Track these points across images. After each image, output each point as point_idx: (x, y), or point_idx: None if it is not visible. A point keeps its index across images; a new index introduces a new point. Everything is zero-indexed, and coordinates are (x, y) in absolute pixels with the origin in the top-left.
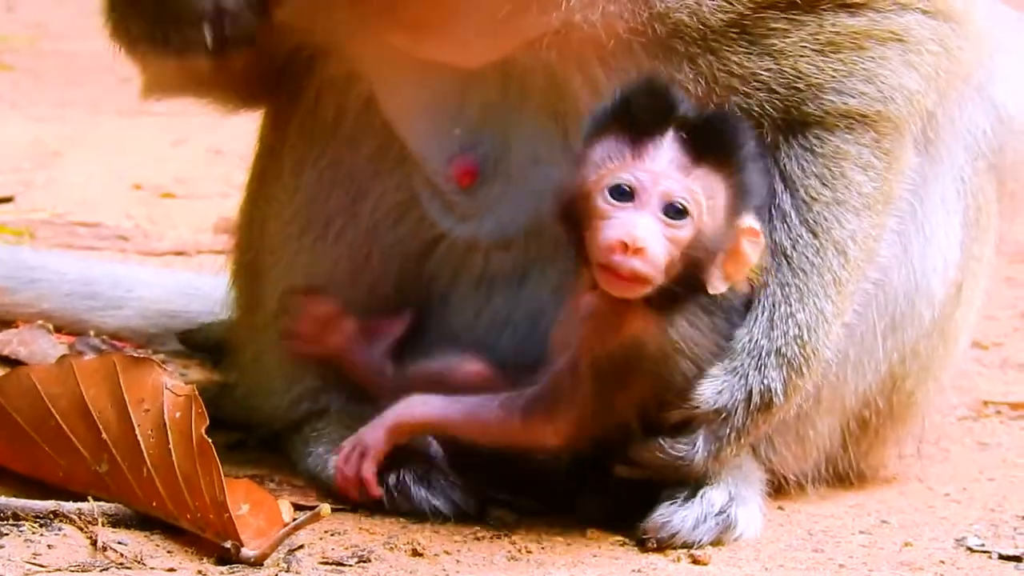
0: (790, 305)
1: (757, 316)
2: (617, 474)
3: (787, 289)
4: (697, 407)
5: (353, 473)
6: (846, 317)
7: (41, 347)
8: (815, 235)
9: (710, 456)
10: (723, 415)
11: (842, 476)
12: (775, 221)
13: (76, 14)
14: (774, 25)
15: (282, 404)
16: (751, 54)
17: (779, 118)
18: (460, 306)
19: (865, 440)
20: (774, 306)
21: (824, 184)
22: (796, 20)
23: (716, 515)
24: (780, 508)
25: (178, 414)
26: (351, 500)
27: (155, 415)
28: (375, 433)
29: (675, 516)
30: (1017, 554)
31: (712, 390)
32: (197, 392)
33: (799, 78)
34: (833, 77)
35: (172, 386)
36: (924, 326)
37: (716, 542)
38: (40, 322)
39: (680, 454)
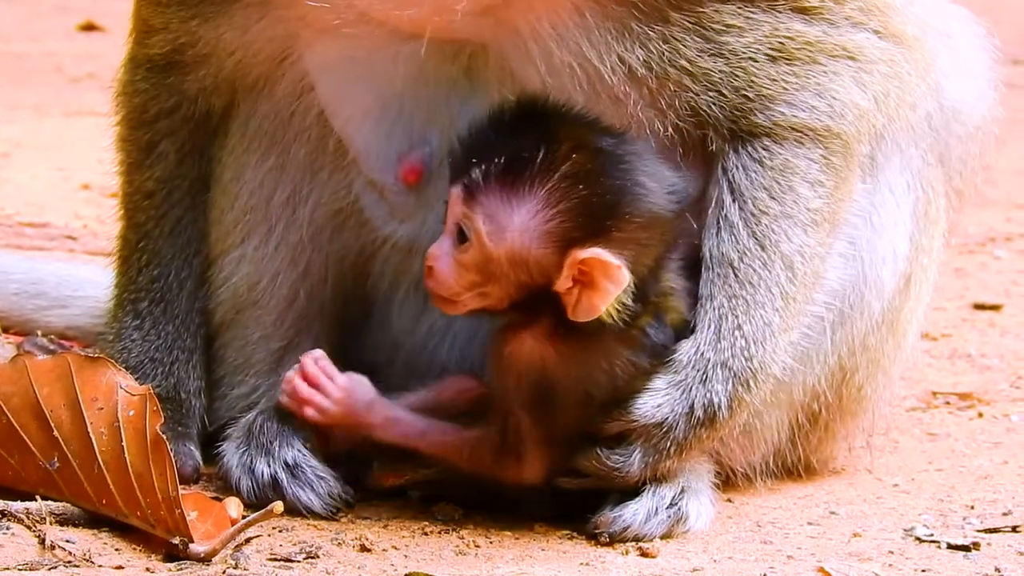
0: (737, 317)
1: (703, 328)
2: (560, 485)
3: (734, 301)
4: (635, 420)
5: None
6: (794, 335)
7: None
8: (763, 248)
9: (647, 468)
10: (663, 428)
11: (791, 469)
12: (723, 232)
13: (24, 17)
14: (730, 21)
15: (221, 406)
16: (704, 52)
17: (727, 127)
18: (400, 312)
19: (815, 434)
20: (721, 318)
21: (772, 197)
22: (752, 19)
23: (668, 508)
24: (729, 500)
25: (132, 412)
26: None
27: (108, 414)
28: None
29: (626, 510)
30: (966, 543)
31: (652, 404)
32: (152, 391)
33: (751, 85)
34: (785, 89)
35: (127, 386)
36: (874, 318)
37: (666, 535)
38: None
39: (616, 465)
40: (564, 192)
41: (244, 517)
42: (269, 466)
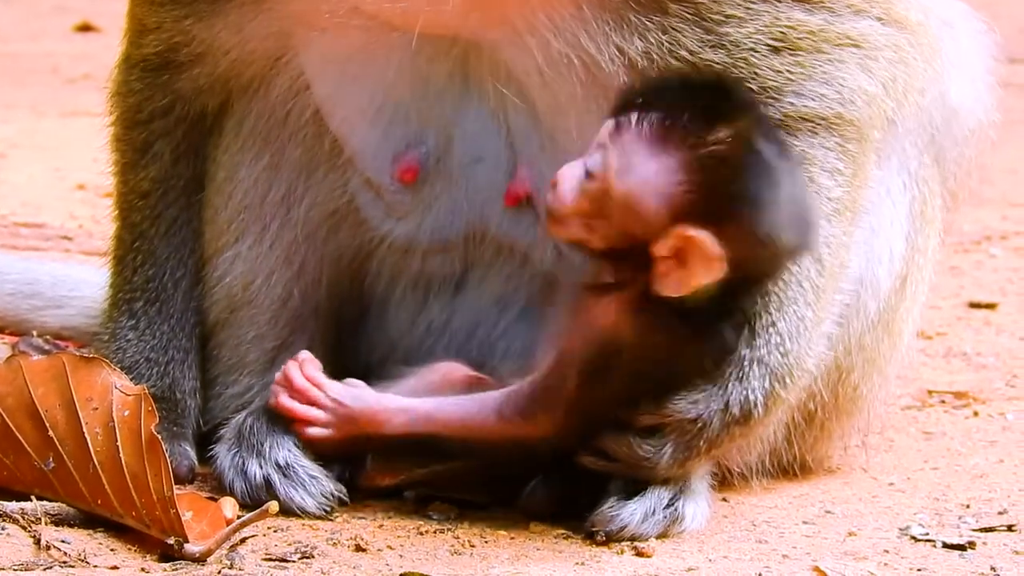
0: (770, 314)
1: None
2: (583, 464)
3: (766, 298)
4: (671, 415)
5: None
6: (825, 326)
7: None
8: None
9: (676, 463)
10: (698, 425)
11: (786, 468)
12: None
13: (20, 17)
14: (730, 11)
15: (215, 406)
16: (705, 44)
17: None
18: (396, 312)
19: (811, 433)
20: (755, 315)
21: None
22: (752, 8)
23: (665, 508)
24: (724, 500)
25: (127, 412)
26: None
27: (103, 414)
28: (337, 414)
29: (624, 509)
30: (961, 542)
31: (688, 400)
32: (147, 391)
33: (754, 76)
34: (791, 80)
35: (122, 386)
36: (870, 318)
37: (662, 535)
38: None
39: (647, 455)
40: (703, 168)
41: (239, 517)
42: (261, 467)
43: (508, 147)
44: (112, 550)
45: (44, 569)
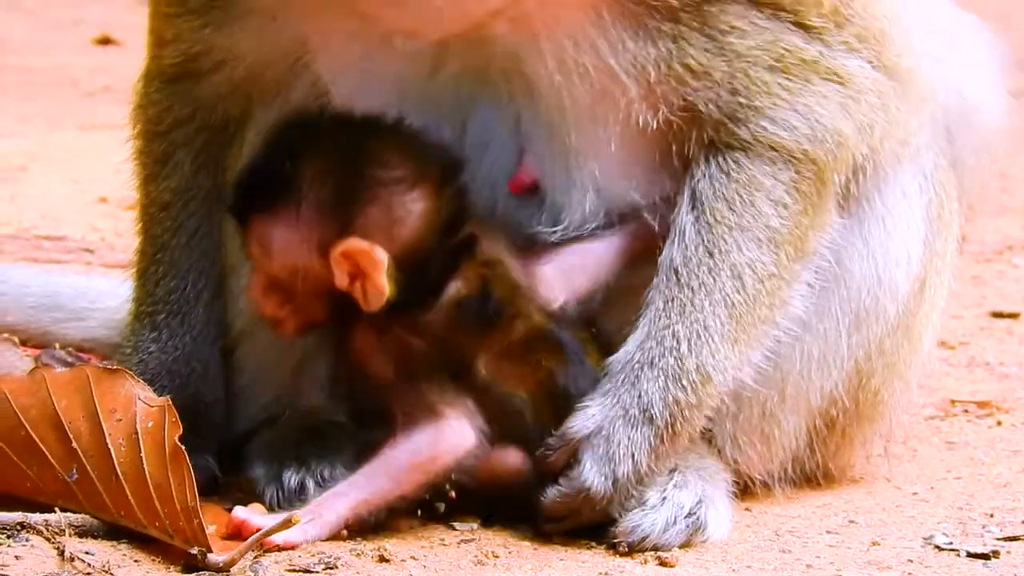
0: (669, 318)
1: (636, 332)
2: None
3: (669, 304)
4: (572, 437)
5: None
6: (745, 348)
7: (8, 360)
8: (711, 255)
9: (607, 479)
10: (603, 435)
11: (809, 476)
12: (675, 240)
13: (39, 30)
14: (735, 23)
15: (242, 417)
16: (709, 52)
17: (709, 135)
18: None
19: (832, 440)
20: (653, 320)
21: (731, 209)
22: (756, 24)
23: (686, 517)
24: (747, 509)
25: (151, 423)
26: None
27: (127, 425)
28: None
29: (645, 519)
30: (985, 552)
31: (584, 417)
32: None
33: (747, 88)
34: (774, 104)
35: (145, 397)
36: (889, 321)
37: (685, 544)
38: (6, 335)
39: (576, 485)
40: (301, 201)
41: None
42: (298, 473)
43: (515, 135)
44: (136, 561)
45: None
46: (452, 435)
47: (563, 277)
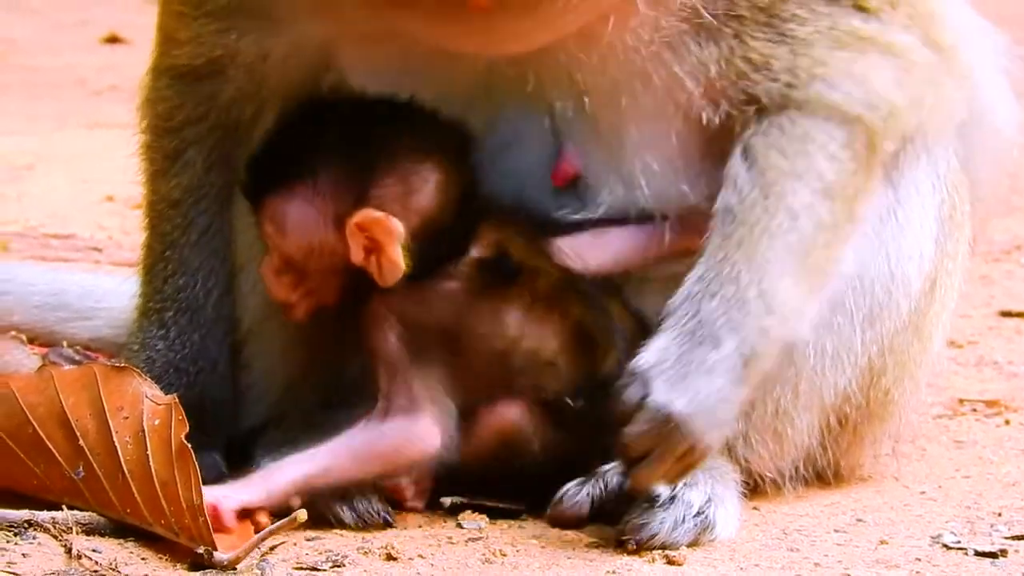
0: (726, 252)
1: (693, 270)
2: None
3: (727, 240)
4: (641, 369)
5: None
6: (804, 291)
7: (16, 358)
8: (766, 197)
9: (688, 400)
10: (672, 360)
11: (820, 474)
12: (727, 187)
13: (47, 30)
14: (796, 11)
15: (250, 415)
16: (771, 41)
17: (765, 103)
18: None
19: (844, 438)
20: (710, 255)
21: (784, 156)
22: (816, 11)
23: (695, 516)
24: (755, 508)
25: (157, 421)
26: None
27: (134, 423)
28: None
29: (654, 518)
30: (993, 550)
31: (649, 352)
32: (178, 400)
33: (804, 66)
34: (830, 72)
35: (152, 395)
36: (902, 318)
37: (693, 543)
38: (13, 333)
39: (654, 410)
40: (316, 176)
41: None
42: None
43: (546, 132)
44: (143, 559)
45: None
46: (422, 433)
47: (573, 250)
